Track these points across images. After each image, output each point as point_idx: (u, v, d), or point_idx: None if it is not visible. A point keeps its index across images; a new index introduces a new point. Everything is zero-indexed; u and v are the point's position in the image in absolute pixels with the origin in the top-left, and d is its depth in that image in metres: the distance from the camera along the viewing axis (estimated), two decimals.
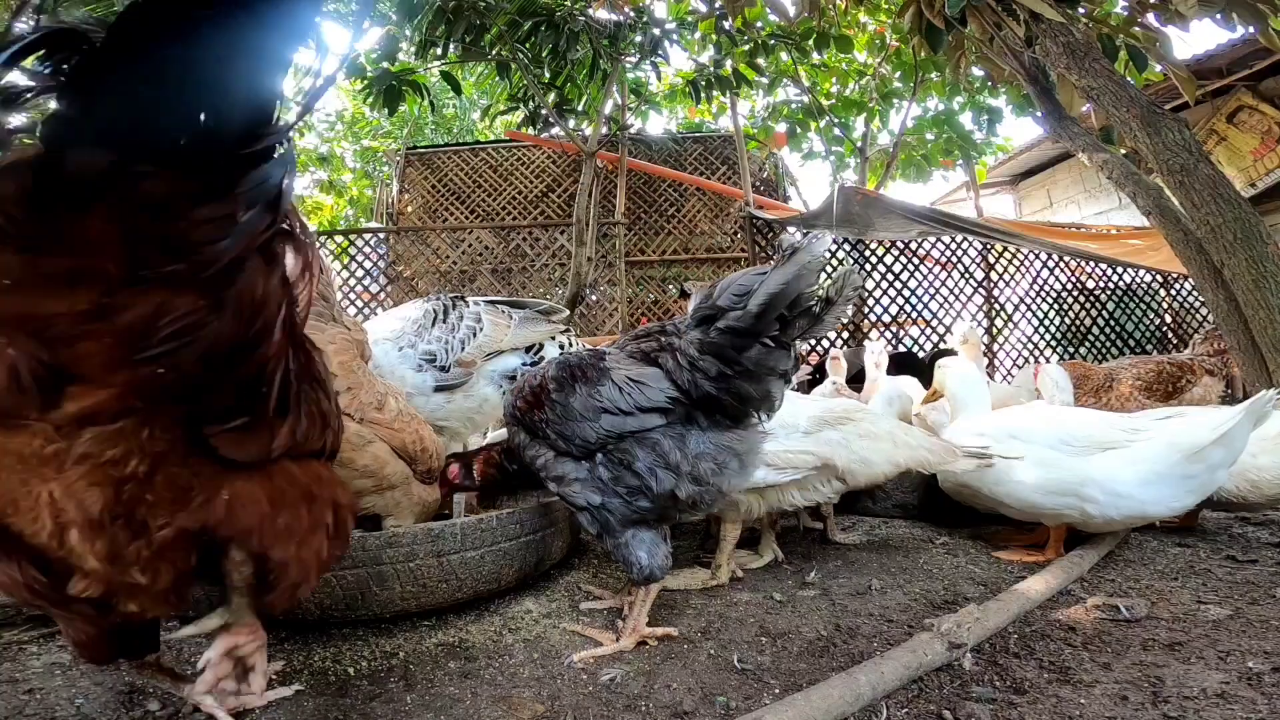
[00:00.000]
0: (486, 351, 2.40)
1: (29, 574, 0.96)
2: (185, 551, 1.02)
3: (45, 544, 0.93)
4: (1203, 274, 3.27)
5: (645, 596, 1.67)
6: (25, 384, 0.85)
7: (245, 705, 1.33)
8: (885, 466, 2.14)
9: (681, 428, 1.58)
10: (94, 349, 0.85)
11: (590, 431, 1.61)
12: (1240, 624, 1.68)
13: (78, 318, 0.83)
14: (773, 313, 1.42)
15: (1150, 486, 2.04)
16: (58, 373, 0.87)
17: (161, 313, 0.85)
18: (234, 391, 0.98)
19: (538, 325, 2.56)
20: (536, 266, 7.10)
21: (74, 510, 0.91)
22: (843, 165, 9.96)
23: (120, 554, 0.96)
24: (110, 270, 0.83)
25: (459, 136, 13.16)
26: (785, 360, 1.52)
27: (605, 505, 1.62)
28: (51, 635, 1.70)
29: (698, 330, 1.53)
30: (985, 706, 1.33)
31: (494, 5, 4.56)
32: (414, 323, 2.38)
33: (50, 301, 0.83)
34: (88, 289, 0.83)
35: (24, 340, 0.84)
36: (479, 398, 2.40)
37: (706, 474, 1.58)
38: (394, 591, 1.72)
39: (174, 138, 0.82)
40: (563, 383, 1.67)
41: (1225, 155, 7.38)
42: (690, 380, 1.54)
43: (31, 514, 0.91)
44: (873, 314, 7.22)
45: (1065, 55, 3.37)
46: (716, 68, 5.72)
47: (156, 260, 0.84)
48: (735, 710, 1.33)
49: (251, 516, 1.04)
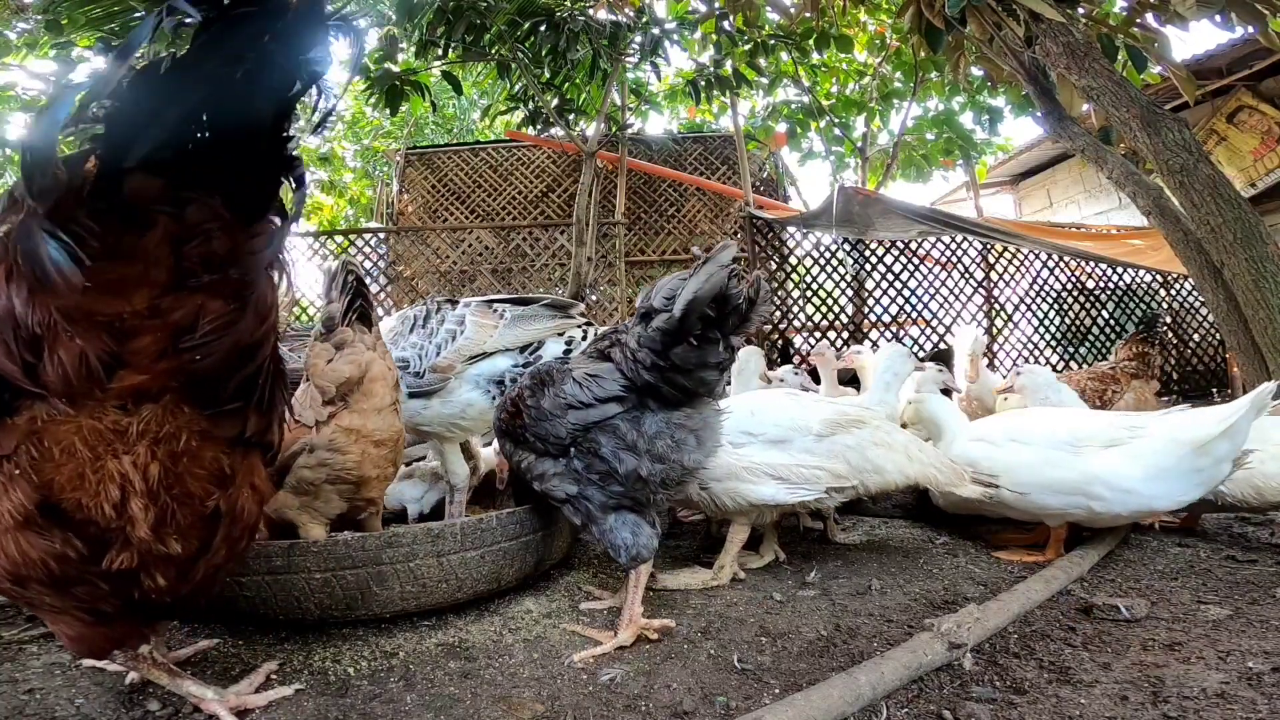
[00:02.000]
0: (468, 355, 2.30)
1: (73, 546, 1.07)
2: (211, 523, 1.17)
3: (105, 514, 1.07)
4: (1203, 274, 3.27)
5: (636, 582, 1.71)
6: (93, 369, 1.01)
7: (245, 705, 1.33)
8: (897, 477, 2.14)
9: (637, 412, 1.71)
10: (149, 341, 1.03)
11: (561, 428, 1.73)
12: (1240, 624, 1.68)
13: (135, 315, 1.01)
14: (695, 313, 1.55)
15: (1156, 481, 2.05)
16: (118, 359, 1.03)
17: (203, 313, 1.05)
18: (241, 381, 1.14)
19: (536, 322, 2.43)
20: (536, 266, 7.09)
21: (139, 480, 1.07)
22: (843, 165, 9.97)
23: (165, 522, 1.11)
24: (162, 278, 1.02)
25: (459, 136, 13.15)
26: (715, 354, 1.64)
27: (582, 494, 1.73)
28: (52, 635, 1.70)
29: (639, 326, 1.68)
30: (985, 706, 1.33)
31: (494, 5, 4.55)
32: (391, 330, 2.33)
33: (115, 302, 1.00)
34: (145, 292, 1.01)
35: (93, 333, 1.00)
36: (460, 403, 2.31)
37: (665, 451, 1.69)
38: (394, 591, 1.72)
39: (218, 169, 1.01)
40: (535, 389, 1.82)
41: (1225, 155, 7.38)
42: (634, 370, 1.67)
43: (99, 485, 1.06)
44: (873, 314, 7.22)
45: (1065, 55, 3.37)
46: (716, 68, 5.71)
47: (199, 271, 1.04)
48: (735, 710, 1.33)
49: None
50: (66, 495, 1.06)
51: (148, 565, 1.13)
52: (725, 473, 2.03)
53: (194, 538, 1.15)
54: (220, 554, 1.21)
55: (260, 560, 1.64)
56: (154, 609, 1.21)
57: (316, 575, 1.66)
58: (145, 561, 1.12)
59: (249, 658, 1.60)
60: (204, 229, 1.02)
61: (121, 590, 1.14)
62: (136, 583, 1.14)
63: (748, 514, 2.10)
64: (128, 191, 0.96)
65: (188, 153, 0.99)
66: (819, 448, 2.12)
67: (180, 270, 1.02)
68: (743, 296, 1.60)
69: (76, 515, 1.07)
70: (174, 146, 0.97)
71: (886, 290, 7.14)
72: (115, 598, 1.15)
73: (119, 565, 1.10)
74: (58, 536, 1.07)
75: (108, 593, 1.13)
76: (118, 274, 0.99)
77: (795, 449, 2.11)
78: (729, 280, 1.55)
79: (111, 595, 1.14)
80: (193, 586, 1.20)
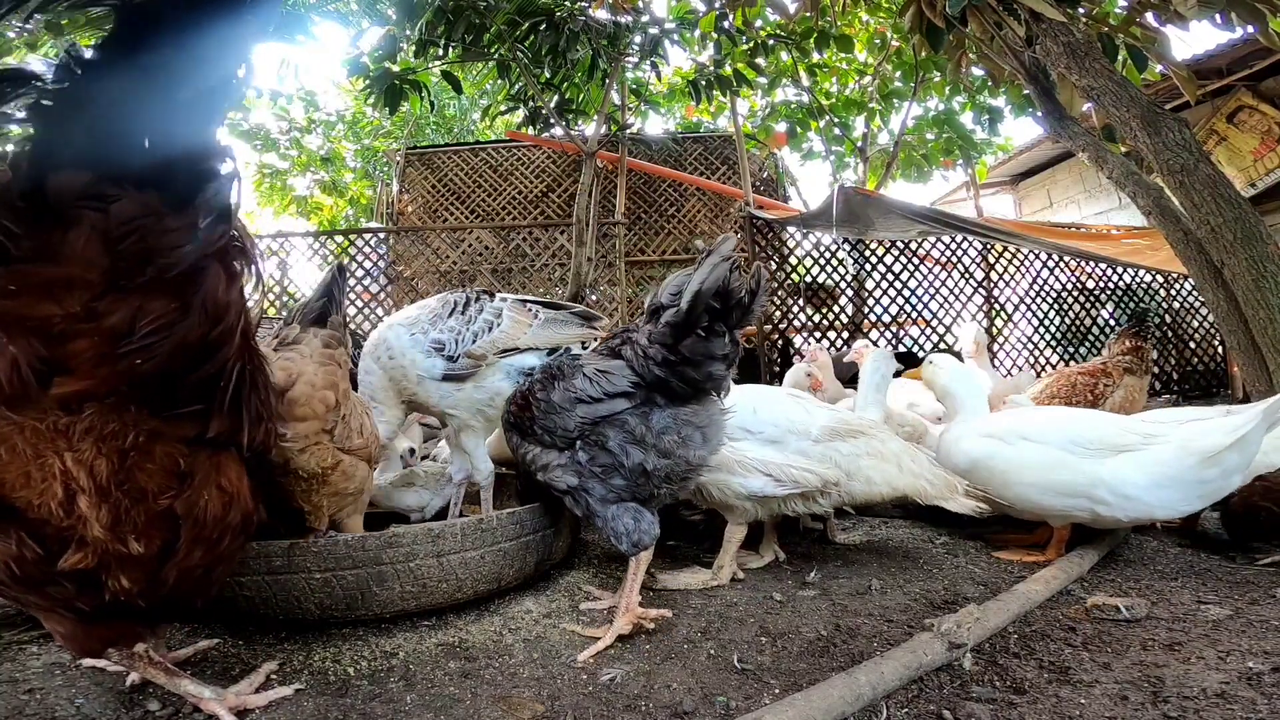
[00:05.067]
0: (501, 347, 2.35)
1: (27, 547, 1.05)
2: (172, 523, 1.13)
3: (52, 513, 1.04)
4: (1203, 274, 3.26)
5: (635, 570, 1.74)
6: (25, 375, 0.97)
7: (245, 705, 1.33)
8: (884, 489, 2.15)
9: (645, 408, 1.76)
10: (85, 346, 0.99)
11: (569, 421, 1.78)
12: (1240, 624, 1.68)
13: (69, 319, 0.97)
14: (700, 306, 1.61)
15: (1163, 490, 2.03)
16: (53, 365, 0.99)
17: (141, 314, 1.00)
18: (199, 383, 1.11)
19: (565, 328, 2.49)
20: (536, 266, 7.09)
21: (85, 478, 1.03)
22: (843, 165, 9.97)
23: (120, 520, 1.07)
24: (94, 279, 0.97)
25: (459, 136, 13.15)
26: (721, 346, 1.69)
27: (583, 486, 1.78)
28: (51, 636, 1.70)
29: (649, 324, 1.74)
30: (985, 706, 1.33)
31: (494, 5, 4.55)
32: (430, 311, 2.37)
33: (45, 305, 0.96)
34: (77, 294, 0.97)
35: (23, 338, 0.96)
36: (491, 390, 2.35)
37: (671, 446, 1.74)
38: (394, 591, 1.72)
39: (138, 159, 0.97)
40: (545, 383, 1.87)
41: (1225, 155, 7.38)
42: (644, 366, 1.72)
43: (43, 484, 1.03)
44: (873, 314, 7.21)
45: (1066, 55, 3.37)
46: (716, 67, 5.71)
47: (135, 270, 0.99)
48: (735, 710, 1.33)
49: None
50: (17, 494, 1.04)
51: (109, 565, 1.10)
52: (717, 463, 2.03)
53: (155, 537, 1.12)
54: (195, 555, 1.17)
55: (260, 560, 1.64)
56: (132, 610, 1.18)
57: (316, 575, 1.66)
58: (105, 562, 1.09)
59: (249, 658, 1.60)
60: (137, 225, 0.97)
61: (87, 591, 1.12)
62: (100, 584, 1.11)
63: (736, 509, 2.10)
64: (50, 190, 0.93)
65: (112, 146, 0.95)
66: (815, 451, 2.13)
67: (115, 270, 0.98)
68: (745, 288, 1.65)
69: (29, 514, 1.05)
70: (98, 141, 0.94)
71: (886, 290, 7.14)
72: (85, 599, 1.13)
73: (76, 565, 1.08)
74: (13, 537, 1.05)
75: (74, 593, 1.11)
76: (45, 276, 0.95)
77: (791, 450, 2.12)
78: (730, 273, 1.61)
79: (79, 596, 1.12)
80: (171, 589, 1.17)
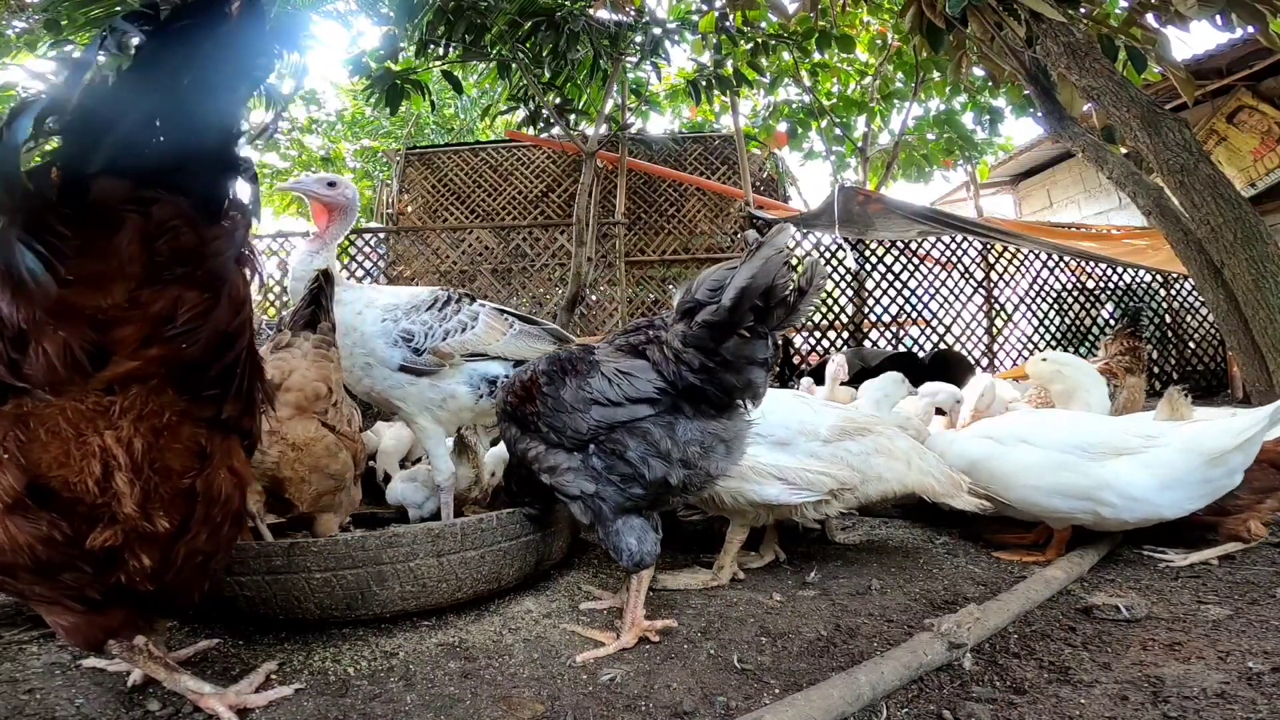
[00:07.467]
0: (470, 350, 2.35)
1: (57, 528, 1.11)
2: (190, 501, 1.21)
3: (88, 490, 1.12)
4: (1203, 274, 3.27)
5: (638, 586, 1.69)
6: (79, 357, 1.09)
7: (245, 704, 1.33)
8: (895, 485, 2.14)
9: (670, 416, 1.63)
10: (131, 331, 1.11)
11: (581, 422, 1.66)
12: (1240, 624, 1.68)
13: (115, 308, 1.10)
14: (745, 304, 1.47)
15: (1168, 491, 2.04)
16: (102, 349, 1.11)
17: (181, 303, 1.14)
18: (221, 369, 1.22)
19: (537, 342, 2.50)
20: (536, 266, 7.09)
21: (123, 454, 1.12)
22: (843, 165, 9.97)
23: (149, 497, 1.15)
24: (136, 272, 1.10)
25: (460, 136, 13.13)
26: (764, 349, 1.57)
27: (599, 494, 1.67)
28: (52, 635, 1.71)
29: (681, 324, 1.58)
30: (985, 706, 1.33)
31: (494, 5, 4.55)
32: (408, 301, 2.37)
33: (94, 297, 1.08)
34: (122, 286, 1.10)
35: (76, 325, 1.08)
36: (445, 391, 2.34)
37: (695, 458, 1.64)
38: (394, 591, 1.72)
39: (177, 170, 1.09)
40: (553, 376, 1.73)
41: (1225, 155, 7.38)
42: (675, 372, 1.59)
43: (81, 462, 1.11)
44: (873, 314, 7.21)
45: (1066, 55, 3.37)
46: (717, 67, 5.70)
47: (172, 264, 1.12)
48: (735, 710, 1.33)
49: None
50: (54, 474, 1.11)
51: (131, 544, 1.16)
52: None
53: (176, 514, 1.19)
54: (201, 536, 1.23)
55: (260, 560, 1.64)
56: (140, 596, 1.22)
57: (316, 575, 1.66)
58: (129, 539, 1.16)
59: (249, 658, 1.60)
60: (171, 225, 1.10)
61: (105, 573, 1.17)
62: (120, 563, 1.17)
63: (746, 514, 2.10)
64: (95, 195, 1.05)
65: (147, 156, 1.06)
66: (824, 452, 2.12)
67: (154, 265, 1.11)
68: (793, 286, 1.50)
69: (64, 494, 1.12)
70: (134, 151, 1.05)
71: (886, 290, 7.14)
72: (100, 582, 1.18)
73: (104, 543, 1.13)
74: (44, 518, 1.11)
75: (92, 576, 1.17)
76: (94, 270, 1.08)
77: (800, 452, 2.11)
78: (782, 268, 1.46)
79: (96, 579, 1.17)
80: (175, 572, 1.23)
